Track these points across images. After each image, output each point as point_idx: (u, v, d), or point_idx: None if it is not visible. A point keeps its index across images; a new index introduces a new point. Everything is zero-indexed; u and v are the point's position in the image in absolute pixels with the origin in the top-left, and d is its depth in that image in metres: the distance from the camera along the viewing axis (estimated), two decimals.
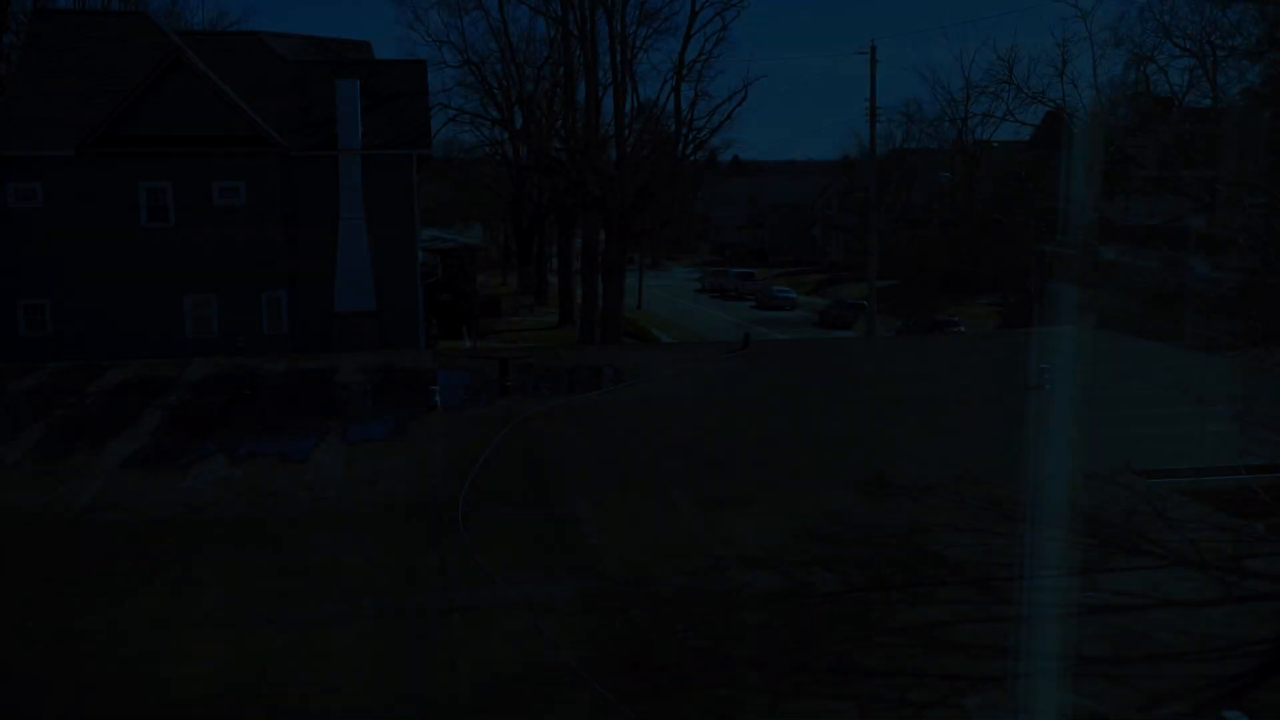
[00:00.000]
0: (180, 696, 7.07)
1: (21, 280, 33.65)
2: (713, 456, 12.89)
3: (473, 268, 60.95)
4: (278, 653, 7.70)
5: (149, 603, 8.60)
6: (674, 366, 18.43)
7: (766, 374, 18.08)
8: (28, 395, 16.76)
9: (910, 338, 32.00)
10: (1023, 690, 7.13)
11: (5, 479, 12.17)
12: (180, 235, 34.89)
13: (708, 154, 70.49)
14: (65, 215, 34.00)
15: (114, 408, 15.72)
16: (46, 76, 35.26)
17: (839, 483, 11.94)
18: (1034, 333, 24.52)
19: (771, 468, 12.49)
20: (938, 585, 9.08)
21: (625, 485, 11.79)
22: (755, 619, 8.40)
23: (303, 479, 11.99)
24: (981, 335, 33.46)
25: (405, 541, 10.08)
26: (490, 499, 11.28)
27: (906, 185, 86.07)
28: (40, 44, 36.41)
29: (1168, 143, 12.66)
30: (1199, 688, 7.29)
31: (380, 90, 39.19)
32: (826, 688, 7.24)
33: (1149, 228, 18.55)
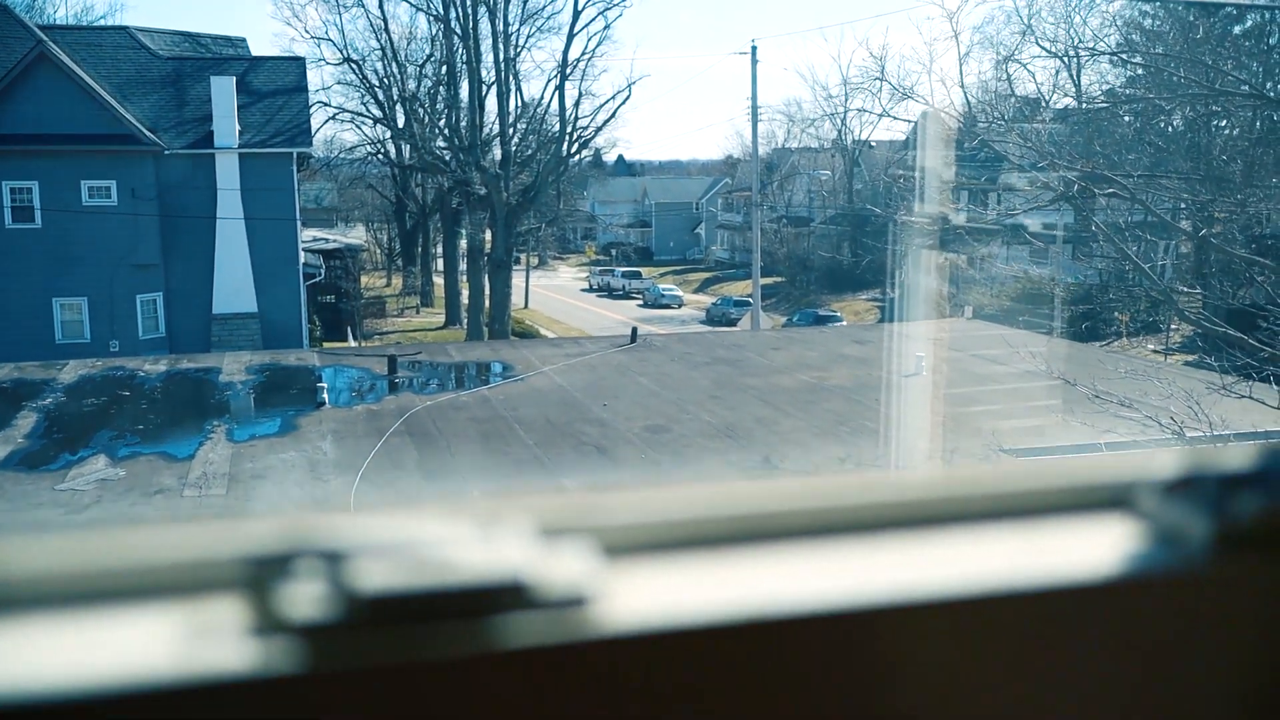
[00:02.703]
0: None
1: None
2: (602, 445, 13.13)
3: (357, 268, 60.12)
4: None
5: None
6: (562, 361, 18.61)
7: (654, 366, 18.38)
8: None
9: (793, 330, 32.82)
10: None
11: None
12: (48, 237, 33.69)
13: (593, 153, 70.79)
14: None
15: None
16: None
17: (726, 469, 12.28)
18: (910, 324, 25.39)
19: (659, 455, 12.77)
20: None
21: (516, 475, 11.93)
22: None
23: (189, 477, 11.82)
24: (862, 327, 34.43)
25: None
26: (382, 492, 11.31)
27: (789, 184, 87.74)
28: None
29: (1031, 140, 13.33)
30: None
31: (258, 87, 38.47)
32: None
33: (1015, 225, 19.45)
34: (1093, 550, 0.39)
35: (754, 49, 43.49)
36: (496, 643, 0.31)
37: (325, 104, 54.87)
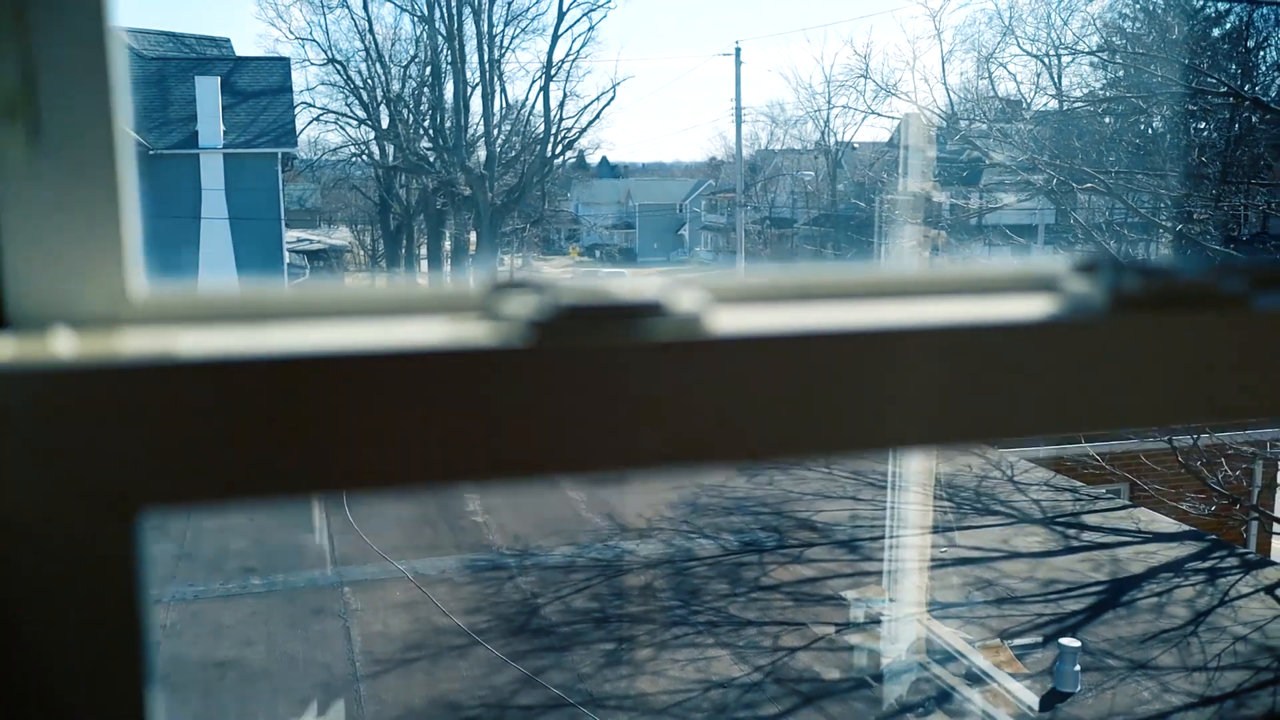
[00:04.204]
0: None
1: None
2: None
3: (341, 269, 60.09)
4: (168, 629, 7.78)
5: None
6: None
7: None
8: None
9: None
10: (887, 630, 7.71)
11: None
12: None
13: (578, 154, 70.91)
14: None
15: None
16: None
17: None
18: None
19: None
20: (807, 546, 9.65)
21: None
22: (637, 582, 8.81)
23: None
24: None
25: (291, 526, 10.17)
26: None
27: (772, 185, 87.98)
28: None
29: (1013, 138, 13.57)
30: (1041, 624, 8.00)
31: (242, 87, 38.50)
32: (705, 638, 7.69)
33: (996, 224, 19.71)
34: (1027, 307, 0.59)
35: (738, 50, 43.83)
36: (643, 336, 0.50)
37: (310, 105, 54.81)
